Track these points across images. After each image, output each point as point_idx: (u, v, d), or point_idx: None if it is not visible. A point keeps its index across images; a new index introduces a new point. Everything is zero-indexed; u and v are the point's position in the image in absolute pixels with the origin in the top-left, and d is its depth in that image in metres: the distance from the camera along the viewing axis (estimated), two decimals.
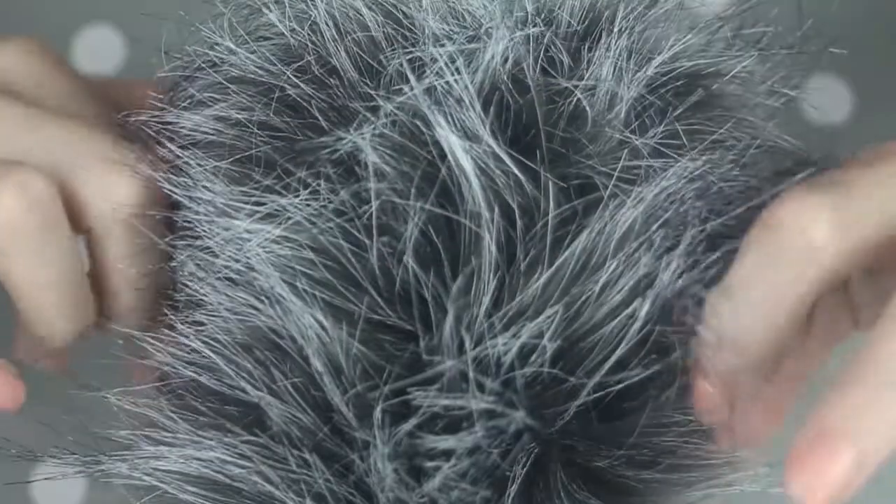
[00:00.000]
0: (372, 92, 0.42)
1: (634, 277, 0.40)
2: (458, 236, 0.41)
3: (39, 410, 0.44)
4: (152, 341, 0.43)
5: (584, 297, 0.40)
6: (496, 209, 0.40)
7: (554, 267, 0.40)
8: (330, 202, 0.41)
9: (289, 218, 0.41)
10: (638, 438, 0.42)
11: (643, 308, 0.40)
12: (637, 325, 0.40)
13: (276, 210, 0.42)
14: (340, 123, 0.42)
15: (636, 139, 0.42)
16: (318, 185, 0.41)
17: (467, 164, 0.40)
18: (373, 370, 0.40)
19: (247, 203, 0.42)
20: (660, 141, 0.42)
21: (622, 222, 0.40)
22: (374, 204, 0.41)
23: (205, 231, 0.43)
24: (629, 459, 0.42)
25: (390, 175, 0.41)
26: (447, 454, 0.39)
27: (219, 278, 0.42)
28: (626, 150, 0.42)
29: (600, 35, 0.43)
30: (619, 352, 0.40)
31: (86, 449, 0.43)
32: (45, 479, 0.46)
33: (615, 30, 0.43)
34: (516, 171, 0.40)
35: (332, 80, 0.43)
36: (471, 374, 0.39)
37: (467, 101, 0.41)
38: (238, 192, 0.42)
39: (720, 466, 0.43)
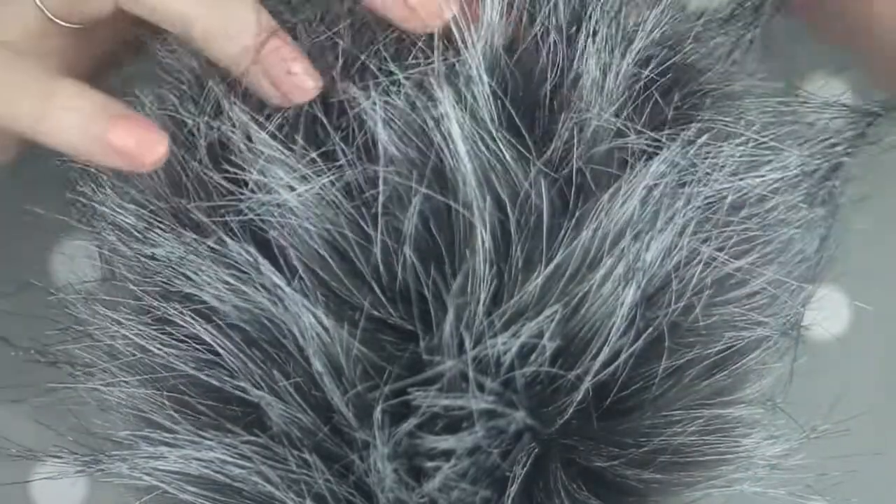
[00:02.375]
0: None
1: (627, 268, 0.40)
2: (455, 227, 0.40)
3: (39, 410, 0.44)
4: None
5: (581, 295, 0.40)
6: (488, 198, 0.40)
7: (552, 266, 0.40)
8: (338, 180, 0.41)
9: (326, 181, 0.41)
10: (638, 438, 0.42)
11: (629, 290, 0.40)
12: (626, 306, 0.40)
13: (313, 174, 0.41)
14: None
15: (627, 124, 0.42)
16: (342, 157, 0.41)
17: (462, 148, 0.40)
18: (373, 370, 0.40)
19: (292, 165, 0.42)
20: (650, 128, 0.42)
21: (617, 217, 0.40)
22: (380, 193, 0.41)
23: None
24: (629, 459, 0.41)
25: (397, 158, 0.41)
26: (447, 454, 0.39)
27: (223, 265, 0.42)
28: (614, 138, 0.42)
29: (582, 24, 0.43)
30: (613, 337, 0.40)
31: (86, 449, 0.43)
32: (45, 478, 0.46)
33: (593, 20, 0.43)
34: (510, 160, 0.40)
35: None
36: (471, 374, 0.39)
37: (475, 76, 0.41)
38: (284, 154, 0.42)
39: (720, 466, 0.43)
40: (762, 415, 0.44)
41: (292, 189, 0.41)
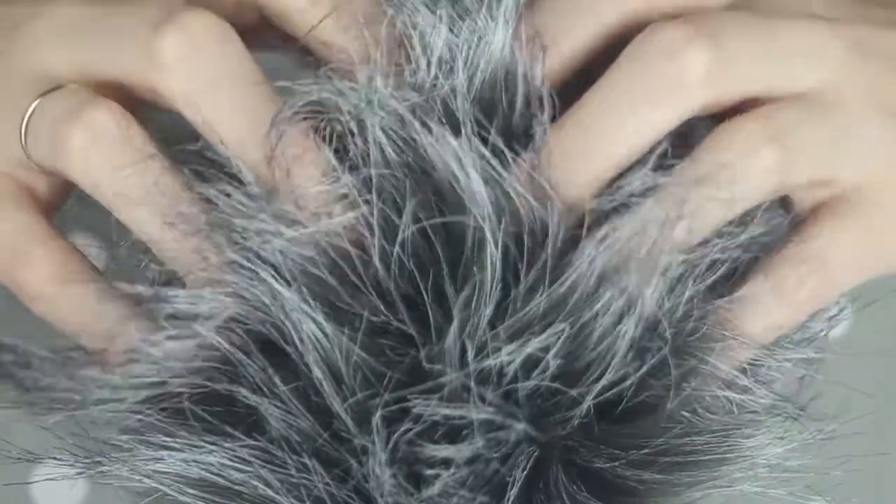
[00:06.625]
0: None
1: (628, 301, 0.40)
2: (455, 236, 0.40)
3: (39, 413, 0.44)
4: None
5: (586, 319, 0.40)
6: (504, 219, 0.40)
7: (558, 285, 0.40)
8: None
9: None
10: (639, 440, 0.42)
11: (629, 329, 0.40)
12: (626, 341, 0.40)
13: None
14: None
15: None
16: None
17: (472, 171, 0.40)
18: (373, 377, 0.40)
19: None
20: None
21: (616, 251, 0.40)
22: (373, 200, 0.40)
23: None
24: (629, 460, 0.41)
25: (393, 161, 0.41)
26: (446, 462, 0.39)
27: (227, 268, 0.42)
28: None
29: None
30: (616, 361, 0.40)
31: (86, 451, 0.43)
32: (46, 480, 0.46)
33: None
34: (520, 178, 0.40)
35: None
36: (472, 386, 0.39)
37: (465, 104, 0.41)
38: None
39: (722, 466, 0.43)
40: (764, 415, 0.44)
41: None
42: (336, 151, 0.41)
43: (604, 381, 0.40)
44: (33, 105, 0.43)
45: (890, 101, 0.43)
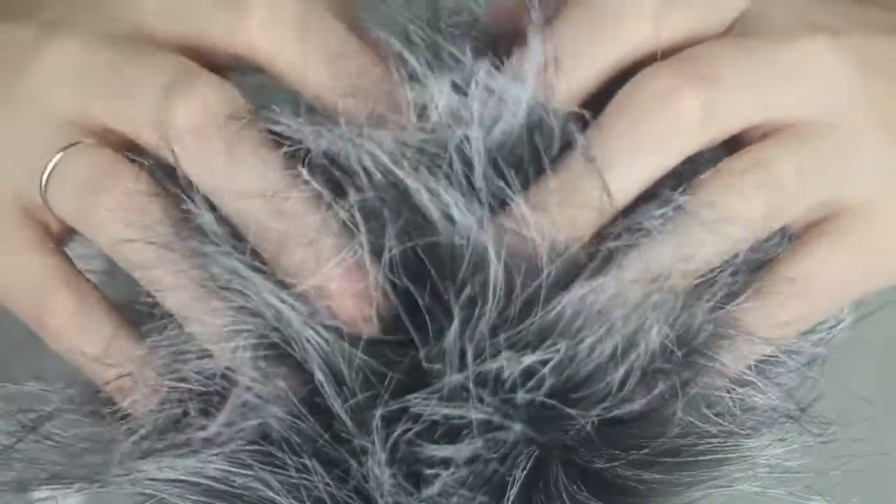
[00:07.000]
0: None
1: (626, 340, 0.40)
2: (459, 253, 0.40)
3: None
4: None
5: (578, 350, 0.40)
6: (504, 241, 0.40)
7: (549, 310, 0.40)
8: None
9: None
10: (638, 439, 0.42)
11: (633, 365, 0.40)
12: (634, 375, 0.40)
13: None
14: None
15: None
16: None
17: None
18: (374, 377, 0.40)
19: None
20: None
21: (617, 289, 0.40)
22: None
23: None
24: (629, 460, 0.42)
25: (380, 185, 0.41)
26: (446, 462, 0.40)
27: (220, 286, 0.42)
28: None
29: None
30: (618, 392, 0.40)
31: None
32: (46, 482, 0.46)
33: None
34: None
35: None
36: (471, 386, 0.39)
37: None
38: None
39: (722, 466, 0.43)
40: (765, 417, 0.44)
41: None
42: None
43: (604, 405, 0.40)
44: (55, 160, 0.43)
45: (890, 115, 0.43)
